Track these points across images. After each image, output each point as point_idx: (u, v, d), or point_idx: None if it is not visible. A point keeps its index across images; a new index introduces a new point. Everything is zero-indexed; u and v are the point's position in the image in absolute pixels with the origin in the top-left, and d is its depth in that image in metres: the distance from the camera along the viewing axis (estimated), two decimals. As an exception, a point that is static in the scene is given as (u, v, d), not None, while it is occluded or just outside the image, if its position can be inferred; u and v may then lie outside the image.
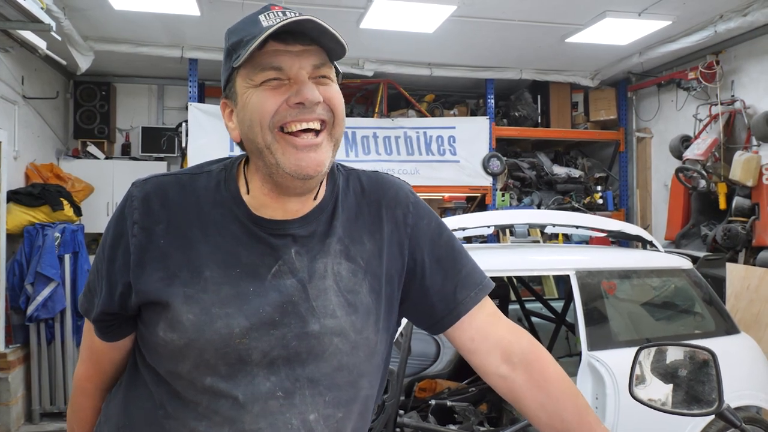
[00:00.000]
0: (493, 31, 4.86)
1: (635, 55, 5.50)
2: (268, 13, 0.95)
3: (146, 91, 6.36)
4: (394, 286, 1.08)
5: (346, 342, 0.99)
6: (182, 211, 0.99)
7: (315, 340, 0.97)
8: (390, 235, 1.08)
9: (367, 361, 1.03)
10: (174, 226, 0.98)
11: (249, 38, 0.92)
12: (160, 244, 0.97)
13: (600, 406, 2.82)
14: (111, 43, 4.98)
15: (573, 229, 3.58)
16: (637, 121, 6.43)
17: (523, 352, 1.11)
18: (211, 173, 1.04)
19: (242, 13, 4.27)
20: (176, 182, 1.02)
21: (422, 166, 5.85)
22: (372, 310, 1.03)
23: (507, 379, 1.10)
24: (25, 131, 5.08)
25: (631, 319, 3.32)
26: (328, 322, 0.98)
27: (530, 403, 1.09)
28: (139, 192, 1.00)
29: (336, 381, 0.99)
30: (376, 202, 1.09)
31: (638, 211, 6.36)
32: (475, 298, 1.11)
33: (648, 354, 1.32)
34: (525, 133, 6.28)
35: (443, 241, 1.13)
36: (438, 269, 1.10)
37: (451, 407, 3.33)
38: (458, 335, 1.12)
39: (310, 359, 0.97)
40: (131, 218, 0.98)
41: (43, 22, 3.75)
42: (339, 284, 1.01)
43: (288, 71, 0.94)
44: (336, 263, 1.01)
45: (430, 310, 1.11)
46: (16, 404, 4.66)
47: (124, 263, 0.98)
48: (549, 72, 6.07)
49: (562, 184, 6.28)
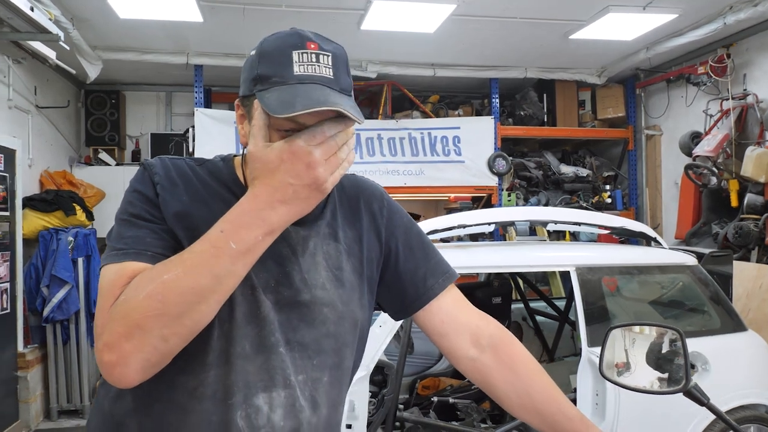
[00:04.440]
0: (494, 29, 4.86)
1: (642, 51, 5.45)
2: (302, 53, 0.96)
3: (154, 99, 6.47)
4: (374, 270, 1.18)
5: (334, 312, 1.08)
6: (196, 181, 1.08)
7: (306, 309, 1.06)
8: (368, 224, 1.18)
9: (350, 333, 1.12)
10: (190, 190, 1.06)
11: (279, 81, 0.94)
12: (183, 200, 1.04)
13: (600, 402, 2.80)
14: (118, 52, 5.08)
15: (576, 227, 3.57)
16: (646, 118, 6.37)
17: (491, 335, 1.18)
18: (212, 162, 1.13)
19: (243, 18, 4.34)
20: (184, 163, 1.11)
21: (427, 166, 5.86)
22: (356, 287, 1.13)
23: (476, 361, 1.17)
24: (38, 140, 5.20)
25: (632, 316, 3.29)
26: (318, 293, 1.07)
27: (499, 384, 1.16)
28: (157, 161, 1.09)
29: (323, 347, 1.07)
30: (355, 197, 1.20)
31: (648, 210, 6.29)
32: (443, 284, 1.20)
33: (618, 334, 1.33)
34: (531, 133, 6.25)
35: (414, 233, 1.24)
36: (410, 257, 1.20)
37: (453, 404, 3.34)
38: (429, 319, 1.20)
39: (301, 325, 1.05)
40: (153, 180, 1.05)
41: (52, 33, 3.84)
42: (328, 261, 1.10)
43: (304, 124, 0.94)
44: (325, 243, 1.11)
45: (402, 293, 1.20)
46: (35, 402, 4.79)
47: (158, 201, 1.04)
48: (554, 70, 6.04)
49: (569, 183, 6.23)
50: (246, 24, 4.49)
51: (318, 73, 0.95)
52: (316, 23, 4.59)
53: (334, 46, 1.00)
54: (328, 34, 1.02)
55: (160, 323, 0.87)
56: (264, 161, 0.91)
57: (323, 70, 0.96)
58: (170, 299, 0.87)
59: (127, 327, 0.88)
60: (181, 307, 0.88)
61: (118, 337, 0.88)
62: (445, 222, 3.19)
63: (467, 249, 3.35)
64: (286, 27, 1.03)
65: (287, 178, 0.89)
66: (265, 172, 0.91)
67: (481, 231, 3.55)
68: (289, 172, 0.89)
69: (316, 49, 0.97)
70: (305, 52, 0.96)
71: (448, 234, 3.46)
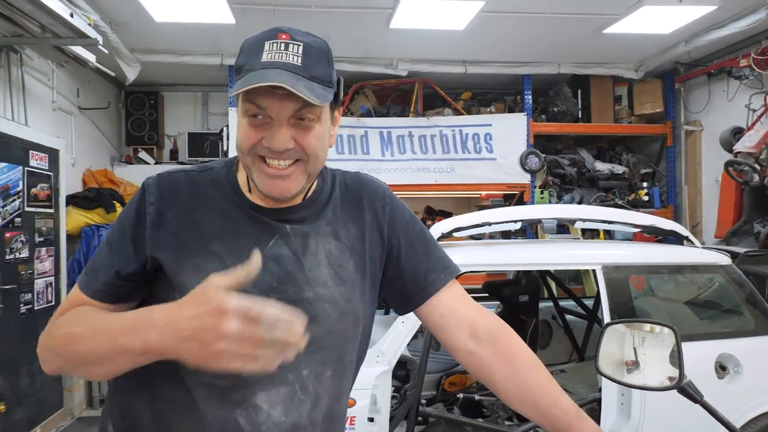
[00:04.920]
0: (524, 25, 4.81)
1: (681, 44, 5.30)
2: (272, 43, 1.02)
3: (191, 99, 6.63)
4: (376, 266, 1.21)
5: (336, 309, 1.11)
6: (191, 198, 1.11)
7: (309, 306, 1.08)
8: (371, 222, 1.21)
9: (352, 328, 1.15)
10: (184, 211, 1.10)
11: (248, 68, 1.01)
12: (173, 224, 1.08)
13: (626, 402, 2.76)
14: (155, 54, 5.23)
15: (605, 225, 3.50)
16: (686, 113, 6.19)
17: (489, 329, 1.20)
18: (215, 170, 1.16)
19: (274, 19, 4.42)
20: (185, 176, 1.14)
21: (458, 164, 5.84)
22: (357, 284, 1.16)
23: (474, 354, 1.19)
24: (81, 140, 5.41)
25: (666, 316, 3.22)
26: (320, 291, 1.10)
27: (497, 377, 1.17)
28: (154, 182, 1.13)
29: (325, 343, 1.10)
30: (358, 196, 1.22)
31: (687, 209, 6.12)
32: (444, 280, 1.23)
33: (614, 331, 1.33)
34: (564, 129, 6.15)
35: (416, 230, 1.26)
36: (412, 253, 1.23)
37: (479, 401, 3.34)
38: (429, 313, 1.23)
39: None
40: (148, 201, 1.10)
41: (91, 38, 3.98)
42: (329, 260, 1.13)
43: (269, 111, 1.02)
44: (326, 242, 1.14)
45: (403, 289, 1.23)
46: (79, 390, 5.02)
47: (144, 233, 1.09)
48: (589, 65, 5.93)
49: (604, 180, 6.11)
50: (276, 24, 4.53)
51: (283, 60, 1.00)
52: (344, 23, 4.64)
53: (312, 39, 1.05)
54: (358, 34, 1.08)
55: (64, 361, 1.00)
56: (195, 293, 0.85)
57: (290, 57, 1.01)
58: (71, 351, 0.98)
59: (45, 347, 1.03)
60: (77, 361, 0.98)
61: (42, 347, 1.03)
62: (469, 219, 3.18)
63: (491, 246, 3.34)
64: (315, 27, 1.10)
65: (193, 325, 0.82)
66: (189, 301, 0.85)
67: (509, 229, 3.54)
68: (195, 322, 0.82)
69: (287, 39, 1.02)
70: (275, 42, 1.02)
71: (475, 231, 3.45)
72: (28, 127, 4.39)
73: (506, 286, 3.83)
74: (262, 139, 1.03)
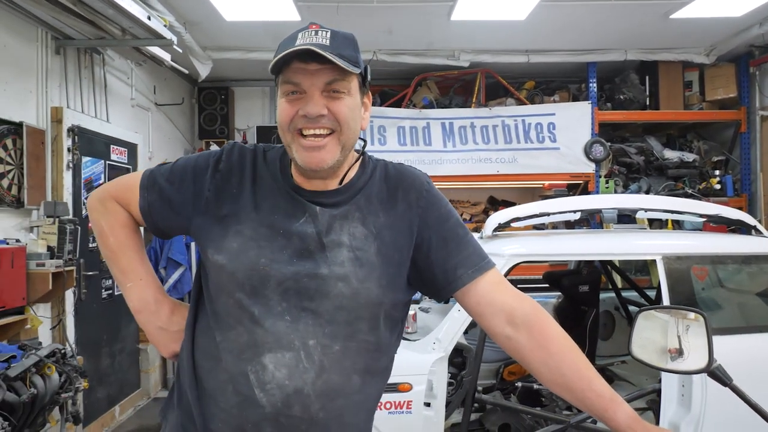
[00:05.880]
0: (587, 13, 4.73)
1: (755, 27, 5.07)
2: (305, 31, 1.18)
3: (260, 93, 6.88)
4: (404, 255, 1.27)
5: (348, 288, 1.19)
6: (251, 170, 1.28)
7: (322, 281, 1.18)
8: (402, 213, 1.28)
9: (365, 308, 1.21)
10: (244, 179, 1.27)
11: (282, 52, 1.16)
12: (233, 188, 1.27)
13: (686, 394, 2.74)
14: (225, 51, 5.47)
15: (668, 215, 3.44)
16: (761, 98, 5.89)
17: (525, 314, 1.24)
18: (275, 150, 1.33)
19: (337, 14, 4.55)
20: (254, 151, 1.32)
21: (520, 154, 5.81)
22: (376, 267, 1.22)
23: (512, 340, 1.24)
24: (157, 134, 5.74)
25: (729, 306, 3.15)
26: (335, 269, 1.19)
27: (533, 361, 1.23)
28: (229, 147, 1.32)
29: (335, 318, 1.19)
30: (395, 186, 1.30)
31: (762, 197, 5.84)
32: (472, 276, 1.27)
33: (647, 316, 1.37)
34: (630, 117, 5.99)
35: (450, 224, 1.31)
36: (442, 247, 1.28)
37: (537, 390, 3.37)
38: (466, 301, 1.29)
39: (316, 296, 1.18)
40: (223, 160, 1.29)
41: (166, 38, 4.24)
42: (352, 243, 1.22)
43: (302, 86, 1.17)
44: (352, 226, 1.23)
45: (432, 280, 1.29)
46: (154, 372, 5.35)
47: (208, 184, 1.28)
48: (657, 51, 5.75)
49: (673, 169, 5.92)
50: (340, 20, 4.69)
51: (313, 41, 1.15)
52: (406, 17, 4.71)
53: (340, 31, 1.19)
54: (419, 27, 1.25)
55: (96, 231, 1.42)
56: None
57: (320, 39, 1.15)
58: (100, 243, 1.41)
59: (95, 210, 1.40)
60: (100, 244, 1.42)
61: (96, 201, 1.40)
62: (526, 210, 3.20)
63: (550, 236, 3.35)
64: (377, 22, 1.29)
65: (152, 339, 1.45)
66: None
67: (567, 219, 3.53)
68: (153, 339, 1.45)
69: (317, 28, 1.18)
70: (307, 31, 1.18)
71: (533, 222, 3.47)
72: (109, 123, 4.71)
73: (566, 276, 3.82)
74: (298, 111, 1.17)
